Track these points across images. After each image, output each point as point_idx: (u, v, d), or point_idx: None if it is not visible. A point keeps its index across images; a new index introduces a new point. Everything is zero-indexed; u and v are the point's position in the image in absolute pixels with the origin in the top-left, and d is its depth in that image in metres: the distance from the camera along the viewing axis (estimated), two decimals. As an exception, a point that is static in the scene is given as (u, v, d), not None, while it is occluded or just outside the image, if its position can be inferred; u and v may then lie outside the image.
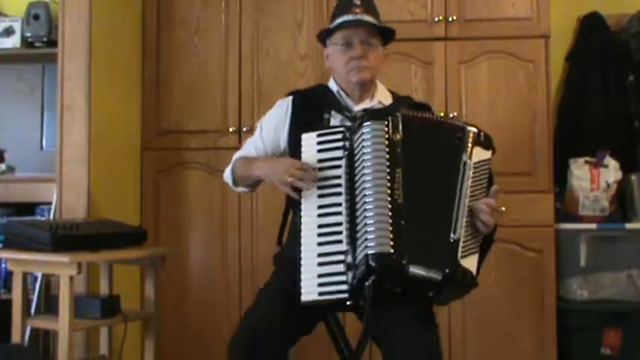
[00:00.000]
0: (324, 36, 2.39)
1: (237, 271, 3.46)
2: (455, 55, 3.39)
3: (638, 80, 3.64)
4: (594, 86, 3.63)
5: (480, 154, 2.11)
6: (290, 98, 2.41)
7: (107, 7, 3.28)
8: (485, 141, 2.14)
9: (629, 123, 3.63)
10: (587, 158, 3.43)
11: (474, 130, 2.13)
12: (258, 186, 2.47)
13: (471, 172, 2.07)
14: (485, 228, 2.08)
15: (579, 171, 3.42)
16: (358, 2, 2.31)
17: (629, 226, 3.36)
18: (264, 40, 3.49)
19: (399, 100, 2.40)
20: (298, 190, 2.14)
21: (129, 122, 3.50)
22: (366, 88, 2.35)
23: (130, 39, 3.52)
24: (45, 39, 3.49)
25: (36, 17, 3.49)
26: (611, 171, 3.40)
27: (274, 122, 2.41)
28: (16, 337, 2.75)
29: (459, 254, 2.02)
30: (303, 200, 2.14)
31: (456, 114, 3.33)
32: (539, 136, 3.34)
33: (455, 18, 3.37)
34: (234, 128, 3.44)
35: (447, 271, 1.99)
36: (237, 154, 2.48)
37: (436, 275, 1.99)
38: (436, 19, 3.38)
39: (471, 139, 2.10)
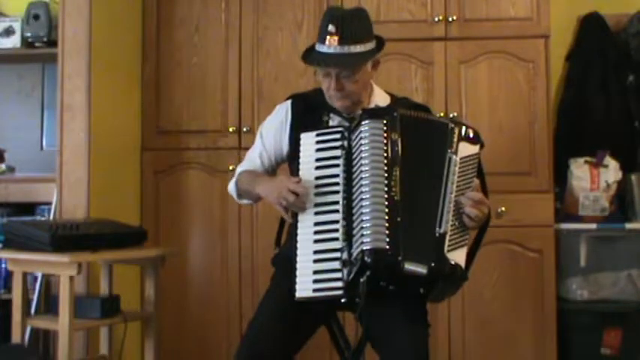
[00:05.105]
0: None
1: (237, 271, 3.46)
2: (455, 55, 3.39)
3: (638, 80, 3.64)
4: (594, 86, 3.62)
5: (466, 149, 2.14)
6: (289, 102, 2.40)
7: (107, 7, 3.28)
8: (471, 137, 2.17)
9: (629, 123, 3.63)
10: (587, 158, 3.43)
11: (460, 126, 2.16)
12: (260, 200, 2.45)
13: (457, 168, 2.10)
14: (470, 222, 2.09)
15: (579, 171, 3.42)
16: (334, 30, 2.20)
17: (629, 226, 3.36)
18: (264, 40, 3.49)
19: (397, 102, 2.40)
20: (294, 213, 2.15)
21: (129, 122, 3.50)
22: (353, 107, 2.29)
23: (130, 39, 3.52)
24: (45, 39, 3.49)
25: (36, 17, 3.49)
26: (611, 171, 3.40)
27: (274, 127, 2.40)
28: (16, 337, 2.76)
29: (446, 248, 2.03)
30: None
31: (456, 114, 3.33)
32: (539, 136, 3.34)
33: (455, 18, 3.37)
34: (234, 128, 3.44)
35: (432, 264, 2.00)
36: (240, 167, 2.46)
37: (422, 269, 2.00)
38: (436, 19, 3.38)
39: (456, 136, 2.14)
